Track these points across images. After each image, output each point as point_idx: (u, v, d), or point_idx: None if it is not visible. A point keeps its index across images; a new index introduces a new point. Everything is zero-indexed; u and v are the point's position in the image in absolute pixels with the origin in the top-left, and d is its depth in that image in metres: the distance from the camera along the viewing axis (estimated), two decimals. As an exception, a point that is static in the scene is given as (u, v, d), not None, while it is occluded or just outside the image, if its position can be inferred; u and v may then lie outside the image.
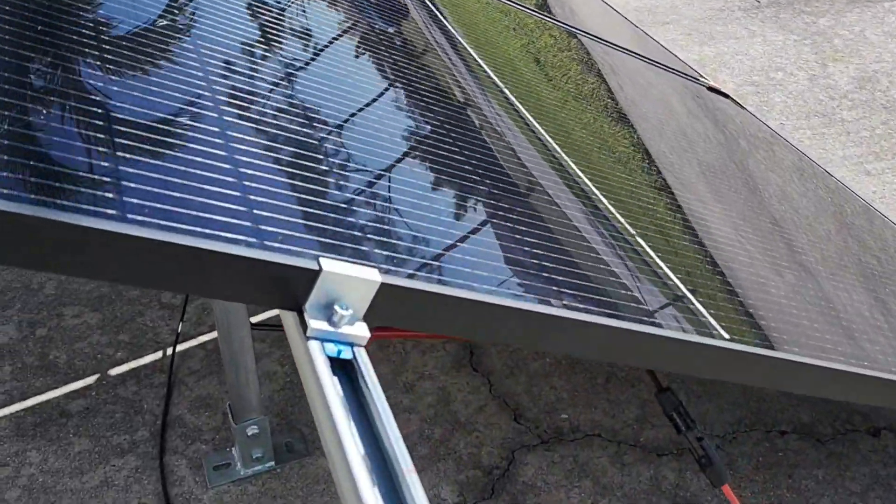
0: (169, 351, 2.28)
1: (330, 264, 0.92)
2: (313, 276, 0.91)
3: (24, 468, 1.99)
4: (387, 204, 1.12)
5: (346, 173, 1.15)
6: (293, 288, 0.92)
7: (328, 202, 1.05)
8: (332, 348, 0.91)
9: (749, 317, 1.44)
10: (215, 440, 2.08)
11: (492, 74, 1.98)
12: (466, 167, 1.38)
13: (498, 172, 1.44)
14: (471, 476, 2.04)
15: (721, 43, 4.69)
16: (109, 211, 0.83)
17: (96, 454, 2.03)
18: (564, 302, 1.12)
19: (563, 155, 1.70)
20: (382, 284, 0.94)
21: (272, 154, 1.07)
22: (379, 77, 1.57)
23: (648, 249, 1.45)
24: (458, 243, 1.13)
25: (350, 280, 0.92)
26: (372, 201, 1.11)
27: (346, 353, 0.92)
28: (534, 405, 2.25)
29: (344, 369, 0.94)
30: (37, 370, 2.20)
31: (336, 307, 0.92)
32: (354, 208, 1.06)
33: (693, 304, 1.35)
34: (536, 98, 1.99)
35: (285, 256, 0.89)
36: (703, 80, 3.75)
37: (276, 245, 0.92)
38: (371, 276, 0.93)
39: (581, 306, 1.13)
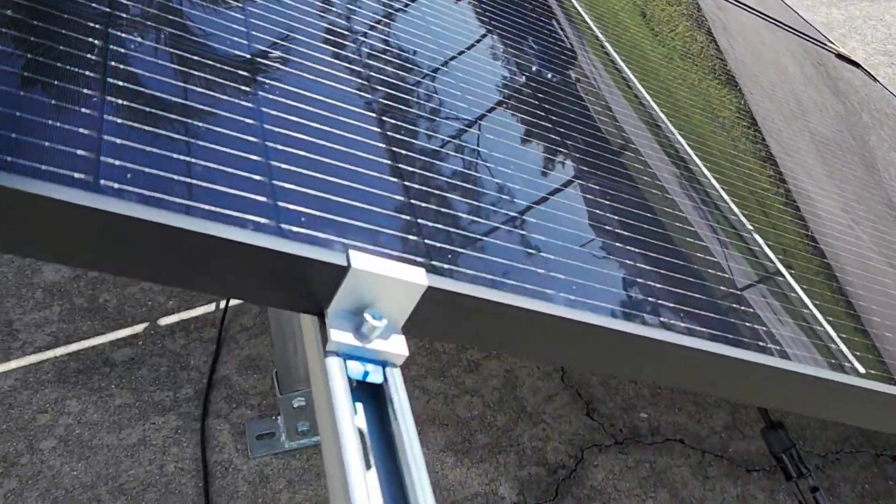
0: (221, 304, 2.13)
1: (362, 260, 0.72)
2: (339, 273, 0.72)
3: (63, 417, 1.88)
4: (441, 182, 0.91)
5: (393, 140, 0.94)
6: (312, 286, 0.72)
7: (367, 176, 0.84)
8: (356, 368, 0.72)
9: (883, 342, 1.19)
10: (261, 406, 1.93)
11: (593, 27, 1.73)
12: (549, 136, 1.15)
13: (586, 143, 1.21)
14: (533, 473, 1.85)
15: (853, 5, 4.27)
16: (76, 175, 0.64)
17: (137, 409, 1.91)
18: (662, 319, 0.90)
19: (669, 125, 1.46)
20: (430, 289, 0.74)
21: (296, 109, 0.87)
22: (458, 24, 1.35)
23: (766, 249, 1.21)
24: (530, 237, 0.92)
25: (387, 281, 0.72)
26: (422, 178, 0.90)
27: (376, 376, 0.73)
28: (610, 399, 2.04)
29: (370, 393, 0.75)
30: (85, 313, 2.09)
31: (367, 315, 0.72)
32: (398, 186, 0.86)
33: (821, 324, 1.11)
34: (640, 55, 1.74)
35: (303, 246, 0.70)
36: (829, 45, 3.40)
37: (295, 229, 0.72)
38: (414, 276, 0.73)
39: (683, 325, 0.91)
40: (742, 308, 1.03)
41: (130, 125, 0.72)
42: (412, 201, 0.85)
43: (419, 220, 0.83)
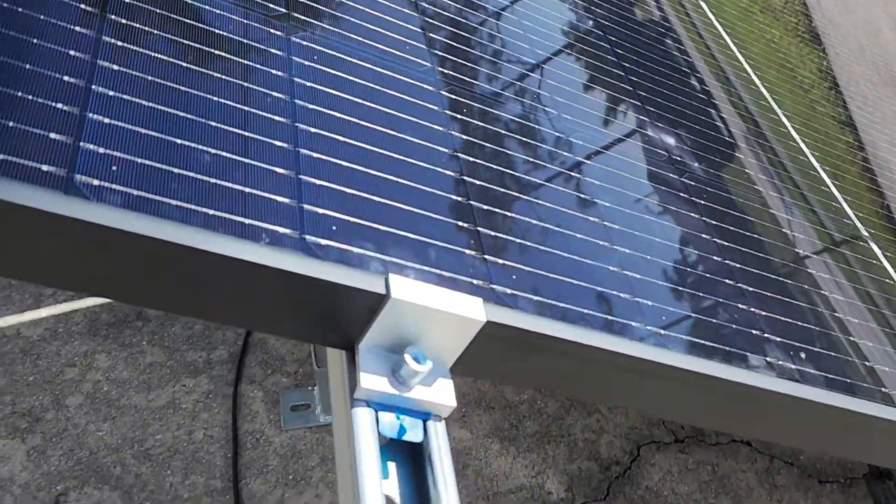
0: (263, 261, 2.00)
1: (403, 287, 0.57)
2: (374, 303, 0.57)
3: (91, 373, 1.78)
4: (508, 181, 0.75)
5: (452, 121, 0.78)
6: (341, 316, 0.58)
7: (415, 170, 0.68)
8: (391, 423, 0.57)
9: None
10: (298, 374, 1.81)
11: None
12: (639, 128, 0.98)
13: (671, 122, 1.03)
14: (584, 468, 1.71)
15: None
16: (45, 167, 0.50)
17: (168, 369, 1.80)
18: (779, 363, 0.74)
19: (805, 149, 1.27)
20: (489, 324, 0.59)
21: (332, 78, 0.71)
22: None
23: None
24: (614, 250, 0.76)
25: (436, 315, 0.57)
26: (485, 173, 0.74)
27: (414, 433, 0.58)
28: (674, 391, 1.88)
29: (406, 448, 0.60)
30: (120, 261, 1.97)
31: (407, 357, 0.57)
32: (454, 184, 0.70)
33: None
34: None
35: (330, 268, 0.55)
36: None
37: (324, 242, 0.58)
38: (470, 309, 0.58)
39: (796, 368, 0.75)
40: (864, 356, 0.86)
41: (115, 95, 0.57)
42: (471, 202, 0.69)
43: (479, 229, 0.67)
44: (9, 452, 1.65)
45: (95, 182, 0.51)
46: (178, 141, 0.57)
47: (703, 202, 0.89)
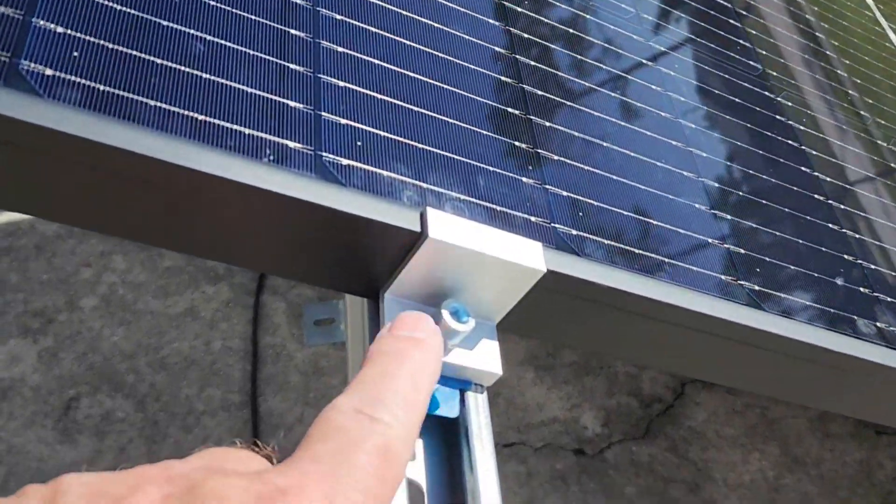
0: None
1: (444, 224, 0.44)
2: (406, 242, 0.45)
3: (107, 274, 1.69)
4: (577, 87, 0.61)
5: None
6: (364, 258, 0.45)
7: (461, 69, 0.55)
8: (419, 391, 0.45)
9: None
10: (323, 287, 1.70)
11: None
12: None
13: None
14: (623, 403, 1.61)
15: None
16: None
17: (187, 275, 1.71)
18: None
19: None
20: (550, 274, 0.47)
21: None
22: None
23: None
24: (701, 182, 0.63)
25: (484, 261, 0.45)
26: (547, 80, 0.59)
27: (449, 408, 0.46)
28: (724, 326, 1.75)
29: (439, 422, 0.49)
30: (142, 157, 1.86)
31: (445, 312, 0.45)
32: (511, 93, 0.56)
33: None
34: None
35: (349, 196, 0.43)
36: None
37: (342, 161, 0.45)
38: (527, 255, 0.45)
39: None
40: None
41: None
42: (531, 117, 0.56)
43: (539, 151, 0.54)
44: (21, 353, 1.57)
45: (49, 72, 0.39)
46: (163, 22, 0.44)
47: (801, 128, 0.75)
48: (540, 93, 0.58)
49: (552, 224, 0.50)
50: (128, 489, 0.26)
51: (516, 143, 0.53)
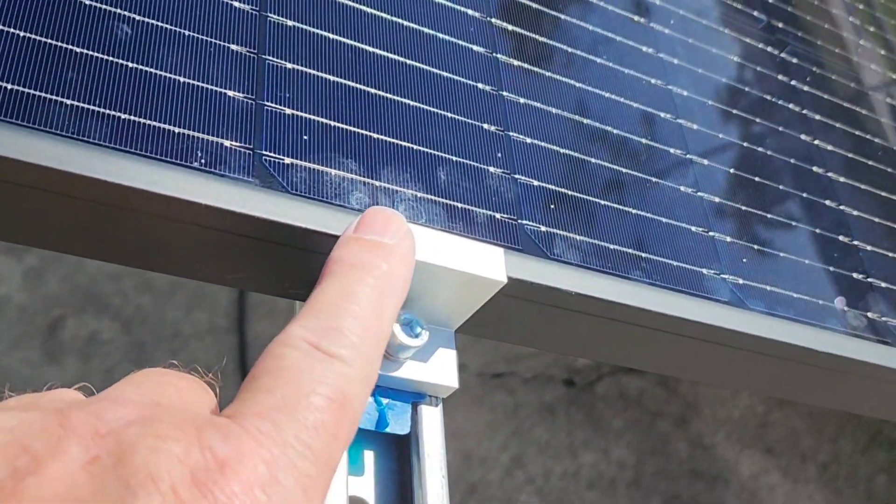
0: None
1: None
2: (353, 255, 0.41)
3: (91, 191, 1.65)
4: (562, 72, 0.55)
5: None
6: (309, 267, 0.42)
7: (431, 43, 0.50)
8: (368, 410, 0.43)
9: None
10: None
11: None
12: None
13: None
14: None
15: None
16: None
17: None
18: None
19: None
20: (513, 283, 0.43)
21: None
22: None
23: None
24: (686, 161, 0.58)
25: (437, 273, 0.41)
26: (518, 45, 0.54)
27: (399, 425, 0.43)
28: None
29: (391, 437, 0.46)
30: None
31: (395, 324, 0.42)
32: (488, 76, 0.51)
33: None
34: None
35: (289, 204, 0.39)
36: None
37: (284, 160, 0.41)
38: (486, 264, 0.42)
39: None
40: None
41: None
42: (503, 93, 0.51)
43: (510, 134, 0.49)
44: (5, 272, 1.55)
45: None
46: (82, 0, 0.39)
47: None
48: (517, 63, 0.53)
49: (519, 221, 0.46)
50: (49, 447, 0.23)
51: (484, 126, 0.49)
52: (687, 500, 1.42)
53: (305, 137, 0.42)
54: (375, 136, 0.44)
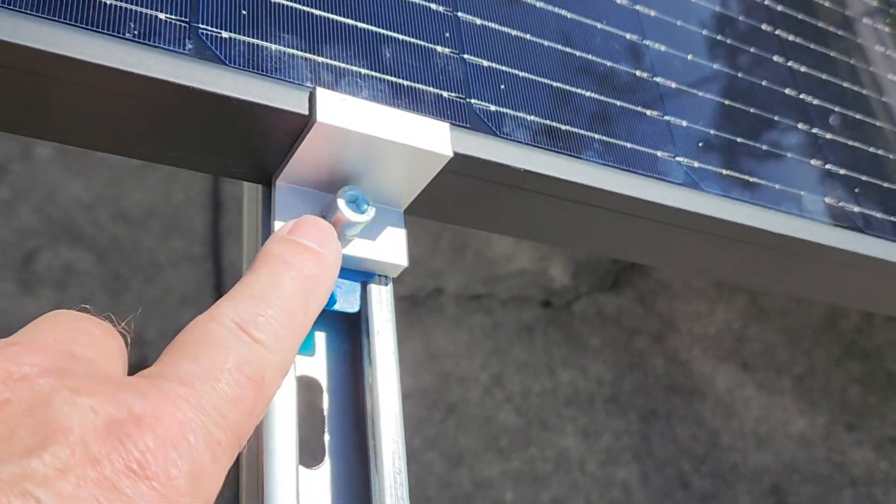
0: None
1: (336, 106, 0.40)
2: (295, 127, 0.40)
3: (61, 121, 1.63)
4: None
5: None
6: (250, 143, 0.41)
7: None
8: (314, 286, 0.42)
9: None
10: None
11: None
12: None
13: None
14: (592, 257, 1.59)
15: None
16: None
17: (145, 123, 1.64)
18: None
19: None
20: (459, 157, 0.43)
21: None
22: None
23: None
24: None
25: (381, 146, 0.41)
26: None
27: (348, 302, 0.43)
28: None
29: (341, 317, 0.46)
30: None
31: (340, 200, 0.41)
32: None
33: None
34: None
35: (227, 75, 0.38)
36: None
37: (221, 34, 0.40)
38: (431, 140, 0.41)
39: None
40: None
41: None
42: (455, -26, 0.50)
43: (459, 14, 0.49)
44: (-26, 205, 1.53)
45: None
46: None
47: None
48: (466, -55, 0.52)
49: (468, 99, 0.46)
50: None
51: (432, 6, 0.48)
52: (664, 415, 1.44)
53: (244, 12, 0.41)
54: (318, 12, 0.43)
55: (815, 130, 0.62)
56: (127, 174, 1.57)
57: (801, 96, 0.63)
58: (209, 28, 0.40)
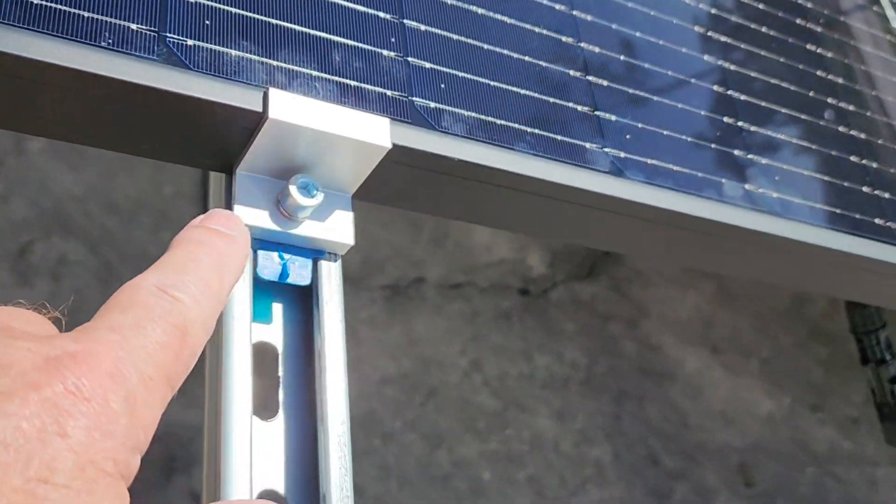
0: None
1: (285, 104, 0.46)
2: (251, 123, 0.46)
3: (54, 117, 1.68)
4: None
5: None
6: (213, 137, 0.47)
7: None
8: (270, 263, 0.48)
9: None
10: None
11: None
12: None
13: None
14: (569, 245, 1.65)
15: None
16: None
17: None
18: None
19: None
20: (399, 148, 0.49)
21: None
22: None
23: None
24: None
25: (326, 139, 0.47)
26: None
27: (300, 276, 0.49)
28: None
29: (298, 293, 0.52)
30: None
31: (292, 186, 0.47)
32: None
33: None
34: None
35: (191, 78, 0.44)
36: None
37: (187, 42, 0.46)
38: (372, 132, 0.47)
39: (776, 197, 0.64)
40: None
41: None
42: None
43: (404, 22, 0.54)
44: (-29, 199, 1.59)
45: None
46: None
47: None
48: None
49: (410, 98, 0.51)
50: None
51: (380, 14, 0.53)
52: (635, 396, 1.50)
53: (207, 22, 0.47)
54: (273, 21, 0.49)
55: (740, 124, 0.67)
56: (118, 168, 1.63)
57: (729, 92, 0.69)
58: (176, 36, 0.45)
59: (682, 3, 0.72)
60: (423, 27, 0.55)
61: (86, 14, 0.43)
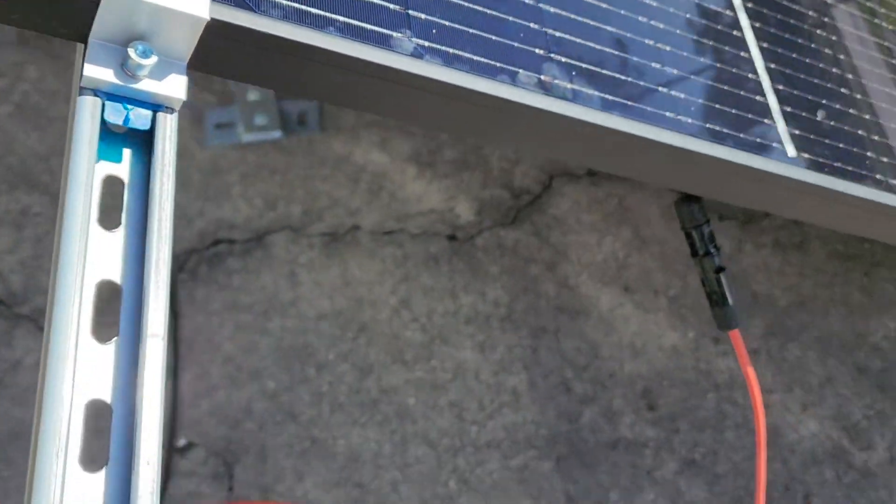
0: None
1: (120, -19, 0.59)
2: (92, -4, 0.59)
3: (20, 83, 1.82)
4: None
5: None
6: (65, 8, 0.60)
7: None
8: (116, 110, 0.61)
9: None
10: (224, 93, 1.85)
11: None
12: None
13: None
14: (495, 195, 1.78)
15: None
16: None
17: (96, 83, 1.83)
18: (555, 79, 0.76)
19: None
20: (214, 22, 0.62)
21: None
22: None
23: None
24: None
25: (152, 10, 0.60)
26: None
27: (140, 122, 0.62)
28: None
29: (146, 142, 0.65)
30: None
31: (130, 49, 0.60)
32: None
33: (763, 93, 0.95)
34: None
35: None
36: None
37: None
38: (192, 6, 0.60)
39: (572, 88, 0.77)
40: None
41: None
42: None
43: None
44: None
45: None
46: None
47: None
48: None
49: (236, -15, 0.64)
50: None
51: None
52: (552, 331, 1.63)
53: (62, -80, 0.60)
54: (120, -77, 0.62)
55: (545, 29, 0.81)
56: (78, 128, 1.76)
57: (540, 5, 0.82)
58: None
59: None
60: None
61: None
